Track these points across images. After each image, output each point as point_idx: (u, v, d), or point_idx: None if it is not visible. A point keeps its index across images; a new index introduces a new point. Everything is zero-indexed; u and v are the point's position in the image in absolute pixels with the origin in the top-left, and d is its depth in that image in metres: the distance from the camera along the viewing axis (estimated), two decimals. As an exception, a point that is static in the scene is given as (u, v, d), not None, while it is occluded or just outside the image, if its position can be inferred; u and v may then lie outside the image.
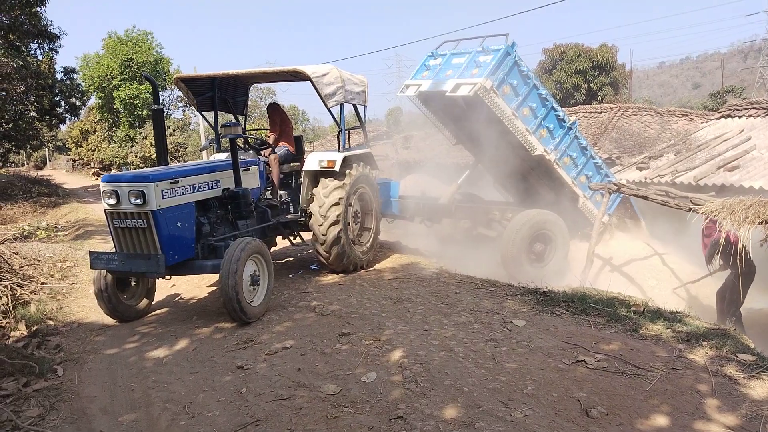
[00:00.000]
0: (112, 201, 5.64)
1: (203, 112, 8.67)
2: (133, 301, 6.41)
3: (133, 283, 6.45)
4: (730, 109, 14.80)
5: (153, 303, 6.80)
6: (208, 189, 6.42)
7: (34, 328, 5.93)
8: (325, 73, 7.35)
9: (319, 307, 6.24)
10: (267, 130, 8.55)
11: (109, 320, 6.30)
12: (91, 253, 5.94)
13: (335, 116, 7.77)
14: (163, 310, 6.80)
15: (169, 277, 6.16)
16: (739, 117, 14.10)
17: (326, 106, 7.41)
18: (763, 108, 13.72)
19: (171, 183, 5.81)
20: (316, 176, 7.70)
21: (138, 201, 5.55)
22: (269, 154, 7.96)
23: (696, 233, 9.44)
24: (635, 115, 18.03)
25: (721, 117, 14.85)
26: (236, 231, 6.74)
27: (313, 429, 3.76)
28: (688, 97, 50.52)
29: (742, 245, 7.25)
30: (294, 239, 8.27)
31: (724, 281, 9.07)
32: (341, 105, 7.74)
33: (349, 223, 7.67)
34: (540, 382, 4.27)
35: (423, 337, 5.26)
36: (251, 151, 8.05)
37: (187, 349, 5.32)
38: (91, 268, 5.95)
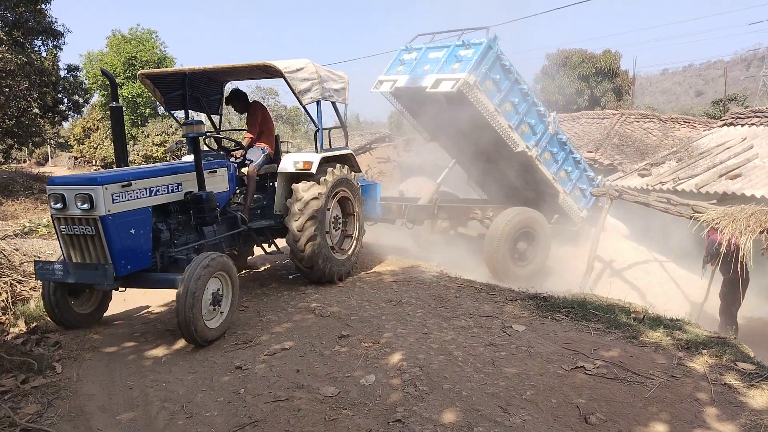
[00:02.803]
0: (59, 205, 5.15)
1: (173, 111, 8.15)
2: (84, 308, 5.97)
3: (86, 291, 6.01)
4: (733, 117, 14.79)
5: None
6: (168, 192, 5.89)
7: (34, 325, 5.93)
8: (299, 68, 6.92)
9: (318, 309, 6.23)
10: (244, 130, 8.02)
11: (109, 318, 6.28)
12: (36, 262, 5.54)
13: (311, 114, 7.34)
14: (162, 309, 6.79)
15: (123, 289, 5.68)
16: (742, 125, 14.10)
17: (300, 103, 6.98)
18: (766, 116, 13.72)
19: (123, 186, 5.29)
20: (292, 179, 7.28)
21: (85, 206, 5.06)
22: (240, 158, 7.46)
23: (696, 240, 9.42)
24: (638, 121, 18.02)
25: (723, 125, 14.85)
26: (202, 239, 6.27)
27: (311, 431, 3.75)
28: (690, 104, 50.49)
29: (743, 254, 7.23)
30: (269, 247, 7.77)
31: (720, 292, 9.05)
32: (318, 102, 7.29)
33: (328, 230, 7.30)
34: (539, 387, 4.26)
35: (422, 340, 5.25)
36: (222, 152, 7.47)
37: (185, 348, 5.31)
38: (37, 279, 5.55)
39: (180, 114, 8.20)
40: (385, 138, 23.36)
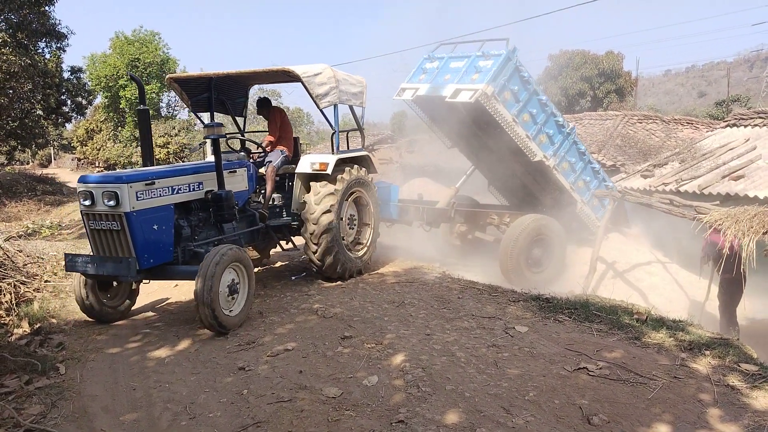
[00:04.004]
0: (87, 202, 5.52)
1: (199, 113, 8.48)
2: (114, 302, 6.28)
3: (114, 284, 6.31)
4: (736, 118, 14.77)
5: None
6: (190, 191, 6.24)
7: (37, 326, 5.95)
8: (317, 72, 7.16)
9: (321, 310, 6.24)
10: (265, 132, 8.35)
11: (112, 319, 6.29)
12: (66, 254, 5.85)
13: (328, 117, 7.58)
14: (165, 310, 6.81)
15: (147, 281, 6.07)
16: (745, 126, 14.08)
17: (318, 106, 7.21)
18: (769, 117, 13.70)
19: (146, 184, 5.65)
20: (309, 179, 7.54)
21: (111, 202, 5.41)
22: (260, 158, 7.79)
23: (699, 241, 9.42)
24: (640, 122, 18.01)
25: (726, 126, 14.83)
26: (221, 235, 6.61)
27: (314, 432, 3.76)
28: (693, 105, 50.36)
29: (746, 255, 7.22)
30: (286, 244, 8.03)
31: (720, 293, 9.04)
32: (335, 106, 7.52)
33: (342, 226, 7.51)
34: (542, 388, 4.26)
35: (425, 341, 5.25)
36: (243, 153, 7.81)
37: (189, 349, 5.32)
38: (66, 270, 5.89)
39: (206, 116, 8.48)
40: (387, 139, 23.39)
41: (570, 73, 31.11)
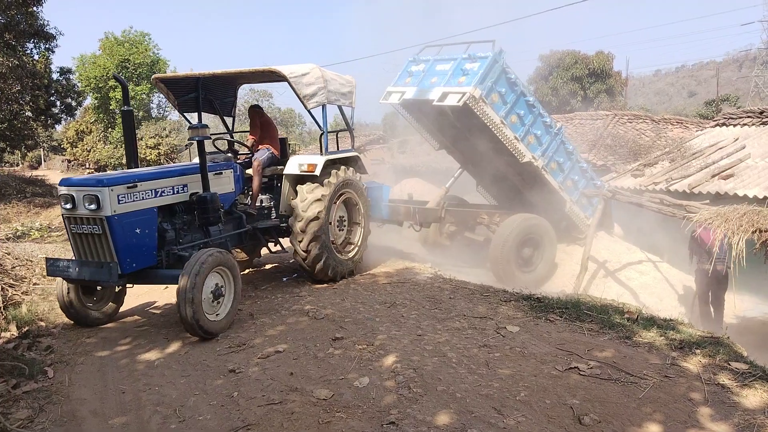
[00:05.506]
0: (68, 205, 5.43)
1: (186, 114, 8.38)
2: (99, 305, 6.19)
3: (99, 288, 6.20)
4: (725, 118, 14.87)
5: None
6: (174, 193, 6.13)
7: (25, 329, 5.88)
8: (304, 72, 7.07)
9: (312, 311, 6.22)
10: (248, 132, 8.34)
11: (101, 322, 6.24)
12: (47, 259, 5.76)
13: (315, 118, 7.52)
14: (155, 312, 6.76)
15: (130, 285, 5.97)
16: (734, 125, 14.17)
17: (305, 107, 7.11)
18: (758, 117, 13.80)
19: (128, 187, 5.53)
20: (297, 181, 7.44)
21: (92, 206, 5.32)
22: (247, 159, 7.76)
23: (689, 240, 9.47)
24: (630, 122, 18.09)
25: (715, 125, 14.92)
26: (207, 238, 6.50)
27: (305, 434, 3.74)
28: (683, 105, 50.69)
29: (736, 253, 7.26)
30: (274, 246, 7.96)
31: (702, 287, 9.10)
32: (324, 106, 7.43)
33: (331, 228, 7.44)
34: (533, 388, 4.26)
35: (416, 342, 5.24)
36: (229, 154, 7.73)
37: (179, 352, 5.28)
38: (48, 275, 5.79)
39: (193, 116, 8.43)
40: (379, 140, 23.41)
41: (560, 73, 31.24)
